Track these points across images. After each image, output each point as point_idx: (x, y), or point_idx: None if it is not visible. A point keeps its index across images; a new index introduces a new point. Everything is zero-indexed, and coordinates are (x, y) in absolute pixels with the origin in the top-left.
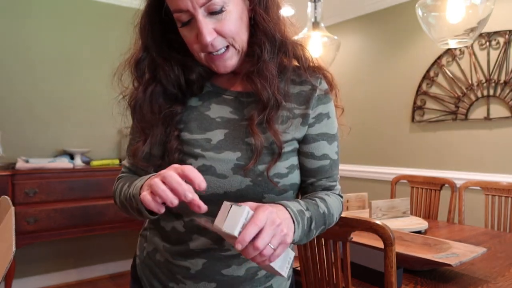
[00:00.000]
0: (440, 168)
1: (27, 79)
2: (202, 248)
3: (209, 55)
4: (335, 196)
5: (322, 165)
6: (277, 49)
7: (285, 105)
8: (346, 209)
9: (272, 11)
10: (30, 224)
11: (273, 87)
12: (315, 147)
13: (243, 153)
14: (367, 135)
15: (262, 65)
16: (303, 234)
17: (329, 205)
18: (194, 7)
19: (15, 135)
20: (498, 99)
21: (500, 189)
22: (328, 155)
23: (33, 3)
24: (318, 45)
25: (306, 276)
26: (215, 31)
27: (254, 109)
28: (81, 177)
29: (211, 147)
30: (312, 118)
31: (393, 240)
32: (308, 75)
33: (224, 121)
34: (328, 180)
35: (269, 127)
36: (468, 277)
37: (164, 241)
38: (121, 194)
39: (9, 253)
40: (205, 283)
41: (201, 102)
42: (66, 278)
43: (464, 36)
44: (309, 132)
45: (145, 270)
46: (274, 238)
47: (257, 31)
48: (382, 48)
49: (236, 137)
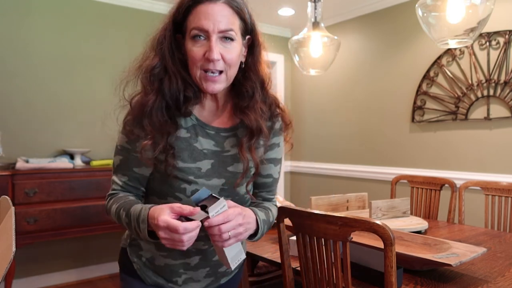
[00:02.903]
0: (440, 168)
1: (27, 79)
2: (196, 248)
3: (205, 74)
4: (275, 207)
5: (265, 182)
6: (263, 91)
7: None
8: (346, 209)
9: (263, 62)
10: (30, 224)
11: (261, 120)
12: (262, 168)
13: (227, 180)
14: (367, 135)
15: (254, 103)
16: (261, 236)
17: (273, 214)
18: (214, 30)
19: (15, 135)
20: (498, 99)
21: (500, 189)
22: (271, 175)
23: (34, 3)
24: (318, 45)
25: (306, 276)
26: (220, 55)
27: (243, 137)
28: (81, 177)
29: (202, 175)
30: (268, 146)
31: (393, 240)
32: (271, 114)
33: (210, 153)
34: (268, 193)
35: (252, 152)
36: (468, 277)
37: (160, 250)
38: (120, 213)
39: (9, 253)
40: (202, 269)
41: (189, 134)
42: (66, 278)
43: (464, 36)
44: (263, 157)
45: (147, 271)
46: (232, 231)
47: (251, 75)
48: (382, 48)
49: (220, 166)
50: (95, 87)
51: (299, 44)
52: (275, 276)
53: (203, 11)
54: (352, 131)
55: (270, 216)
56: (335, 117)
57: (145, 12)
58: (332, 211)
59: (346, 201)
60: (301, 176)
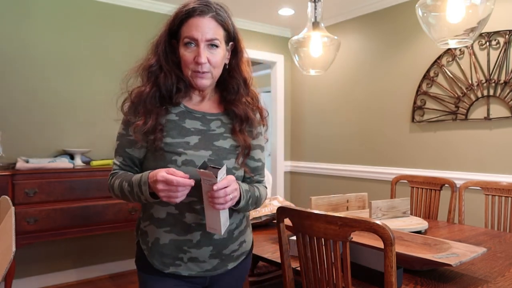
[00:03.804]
0: (440, 168)
1: (27, 79)
2: (195, 222)
3: (195, 73)
4: (263, 187)
5: (257, 165)
6: (246, 87)
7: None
8: (346, 209)
9: (245, 64)
10: (30, 224)
11: (248, 109)
12: (255, 153)
13: (213, 152)
14: (367, 135)
15: (240, 96)
16: (245, 205)
17: (261, 192)
18: (202, 39)
19: (15, 135)
20: (498, 99)
21: (500, 189)
22: (261, 159)
23: (34, 3)
24: (318, 45)
25: (306, 276)
26: (207, 59)
27: (233, 122)
28: (81, 177)
29: (190, 147)
30: (255, 134)
31: (393, 240)
32: (255, 107)
33: (197, 131)
34: (260, 176)
35: (244, 134)
36: (468, 277)
37: (163, 227)
38: (122, 185)
39: (9, 253)
40: (205, 247)
41: (177, 117)
42: (66, 278)
43: (464, 36)
44: (252, 143)
45: (155, 255)
46: (232, 193)
47: (235, 75)
48: (382, 48)
49: (207, 141)
50: (95, 87)
51: (299, 44)
52: (275, 276)
53: (194, 24)
54: (352, 131)
55: (256, 190)
56: (335, 117)
57: (145, 12)
58: (332, 211)
59: (346, 201)
60: (301, 176)
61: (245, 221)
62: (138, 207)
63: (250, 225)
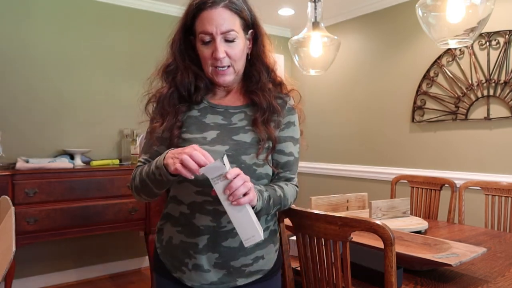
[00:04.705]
0: (440, 168)
1: (27, 79)
2: (204, 224)
3: (215, 69)
4: (292, 186)
5: (288, 160)
6: (269, 75)
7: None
8: (346, 209)
9: (267, 51)
10: (30, 224)
11: (270, 98)
12: (285, 145)
13: (231, 146)
14: (367, 135)
15: (262, 84)
16: (263, 206)
17: (285, 191)
18: (217, 33)
19: (15, 135)
20: (498, 99)
21: (500, 189)
22: (293, 153)
23: (33, 3)
24: (318, 45)
25: (306, 276)
26: (225, 53)
27: (256, 113)
28: (81, 177)
29: (207, 142)
30: (283, 124)
31: (393, 240)
32: (282, 93)
33: (217, 125)
34: (290, 172)
35: (268, 126)
36: (468, 277)
37: (176, 226)
38: (142, 173)
39: (9, 253)
40: (210, 254)
41: (199, 113)
42: (66, 278)
43: (464, 36)
44: (281, 135)
45: (166, 255)
46: (244, 185)
47: (256, 63)
48: (382, 48)
49: (225, 135)
50: (95, 87)
51: (299, 44)
52: None
53: (206, 17)
54: (352, 131)
55: (277, 190)
56: (335, 117)
57: (145, 12)
58: (332, 211)
59: (346, 201)
60: (301, 176)
61: (267, 234)
62: (138, 207)
63: (277, 242)
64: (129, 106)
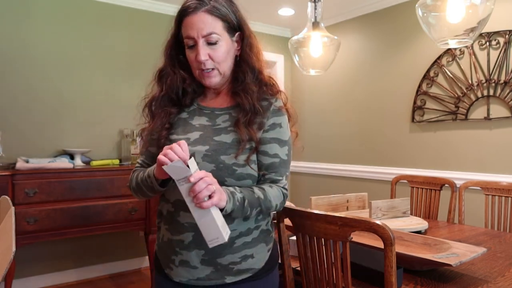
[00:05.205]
0: (440, 168)
1: (27, 79)
2: (188, 222)
3: (201, 72)
4: (278, 188)
5: (273, 162)
6: (255, 76)
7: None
8: (346, 209)
9: (253, 52)
10: (30, 224)
11: (253, 99)
12: (269, 147)
13: (211, 146)
14: (367, 135)
15: (246, 85)
16: (237, 208)
17: (267, 193)
18: (198, 36)
19: (15, 135)
20: (498, 99)
21: (500, 189)
22: (278, 155)
23: (33, 3)
24: (318, 45)
25: (306, 276)
26: (208, 55)
27: (238, 114)
28: (81, 177)
29: (190, 143)
30: (268, 126)
31: (393, 240)
32: (268, 95)
33: (202, 126)
34: (276, 174)
35: (250, 127)
36: (468, 277)
37: (166, 224)
38: (138, 178)
39: (9, 253)
40: (197, 251)
41: (188, 115)
42: (66, 278)
43: (464, 36)
44: (264, 136)
45: (161, 252)
46: (207, 188)
47: (242, 64)
48: (382, 48)
49: (207, 136)
50: (95, 87)
51: (299, 44)
52: None
53: (188, 22)
54: (352, 131)
55: (257, 191)
56: (335, 117)
57: (145, 12)
58: (332, 211)
59: (346, 201)
60: (301, 176)
61: (257, 234)
62: (138, 207)
63: (270, 242)
64: (129, 106)
